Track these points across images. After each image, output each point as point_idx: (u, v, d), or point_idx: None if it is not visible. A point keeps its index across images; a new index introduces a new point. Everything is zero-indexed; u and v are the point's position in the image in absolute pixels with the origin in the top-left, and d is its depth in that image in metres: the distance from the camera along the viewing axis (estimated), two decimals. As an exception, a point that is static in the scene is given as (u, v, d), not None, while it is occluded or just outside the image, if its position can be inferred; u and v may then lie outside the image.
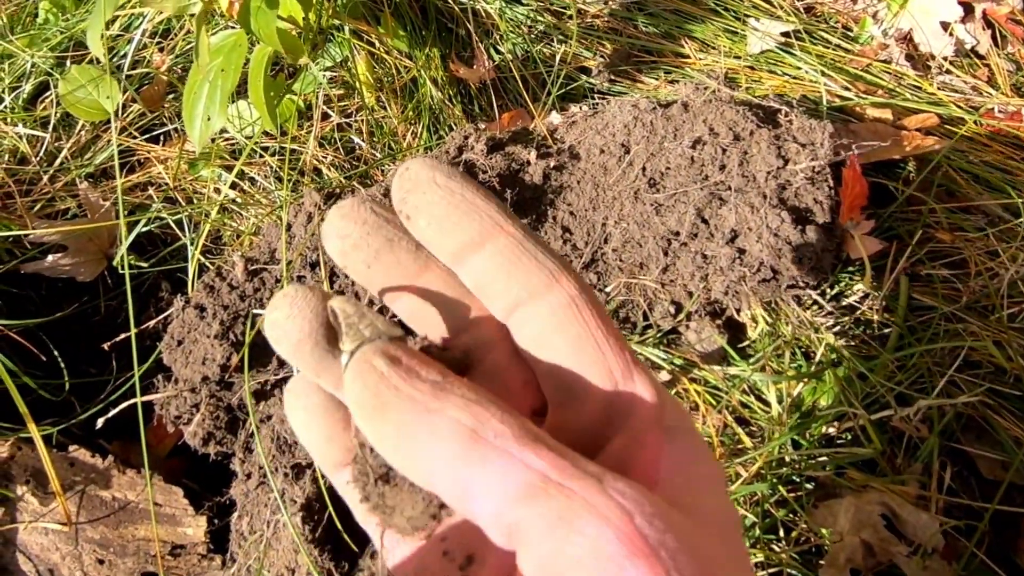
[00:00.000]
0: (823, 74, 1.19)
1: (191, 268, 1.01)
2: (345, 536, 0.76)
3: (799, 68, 1.22)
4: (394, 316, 0.62)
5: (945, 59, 1.28)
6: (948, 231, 1.01)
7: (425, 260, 0.32)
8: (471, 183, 0.30)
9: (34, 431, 0.85)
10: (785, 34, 1.27)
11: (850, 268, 0.99)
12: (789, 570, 0.80)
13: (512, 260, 0.29)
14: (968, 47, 1.31)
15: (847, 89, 1.18)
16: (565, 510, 0.23)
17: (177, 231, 1.09)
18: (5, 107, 1.23)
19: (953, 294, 0.96)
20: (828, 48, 1.27)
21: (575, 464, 0.24)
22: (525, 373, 0.31)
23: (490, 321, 0.32)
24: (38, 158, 1.17)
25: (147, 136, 1.22)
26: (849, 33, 1.33)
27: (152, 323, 1.00)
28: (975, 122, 1.13)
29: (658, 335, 0.95)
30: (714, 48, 1.28)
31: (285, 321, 0.30)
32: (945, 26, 1.30)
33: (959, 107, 1.17)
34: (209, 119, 0.99)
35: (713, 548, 0.25)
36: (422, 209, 0.29)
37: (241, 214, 1.11)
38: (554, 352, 0.29)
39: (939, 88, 1.21)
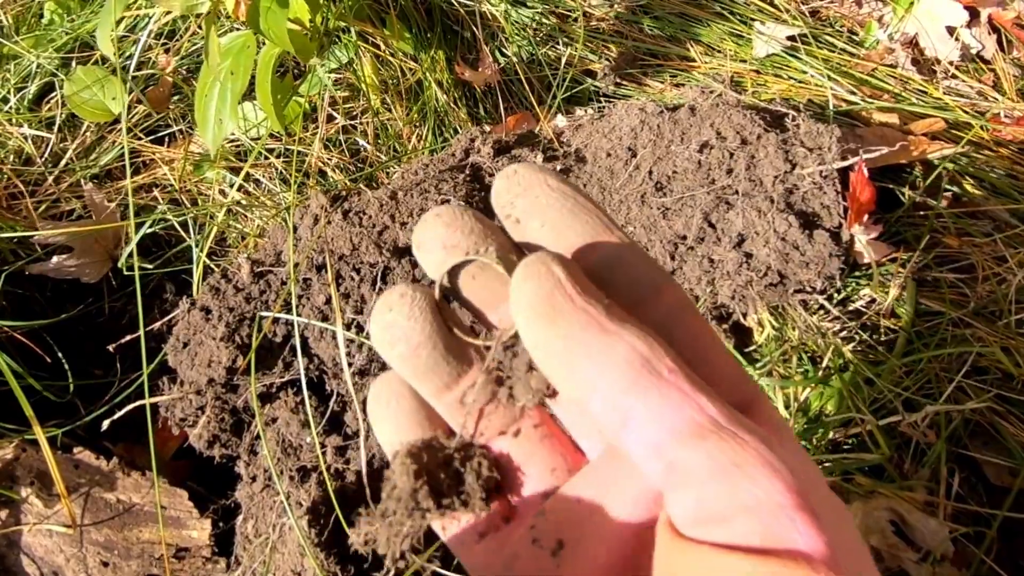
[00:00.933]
0: (829, 78, 1.19)
1: (196, 270, 1.01)
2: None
3: (805, 72, 1.22)
4: None
5: (951, 64, 1.28)
6: (955, 236, 1.01)
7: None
8: (578, 187, 0.30)
9: (39, 433, 0.85)
10: (791, 38, 1.27)
11: (857, 273, 0.98)
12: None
13: (624, 262, 0.29)
14: (974, 52, 1.31)
15: (853, 93, 1.18)
16: (737, 457, 0.23)
17: (182, 233, 1.09)
18: (10, 108, 1.23)
19: (961, 299, 0.95)
20: (834, 52, 1.27)
21: (736, 416, 0.24)
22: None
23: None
24: (43, 159, 1.17)
25: (152, 137, 1.21)
26: (855, 37, 1.33)
27: (157, 325, 1.00)
28: (982, 127, 1.13)
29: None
30: (720, 52, 1.28)
31: (405, 322, 0.29)
32: (951, 31, 1.30)
33: (965, 112, 1.16)
34: (221, 121, 0.99)
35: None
36: (535, 212, 0.29)
37: (247, 216, 1.11)
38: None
39: (945, 93, 1.21)
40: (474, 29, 1.27)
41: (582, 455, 0.33)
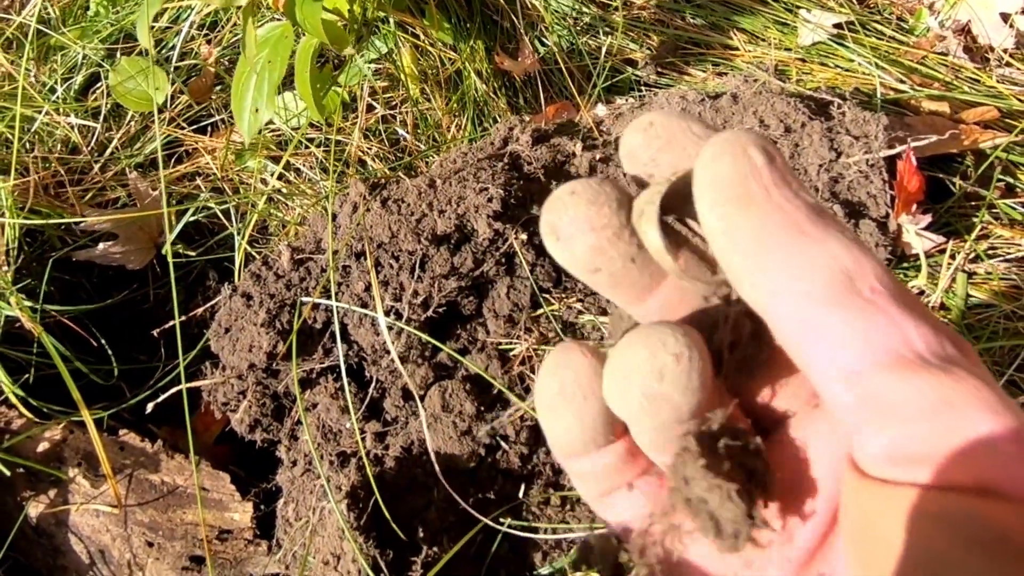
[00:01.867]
0: (877, 66, 1.16)
1: (238, 257, 1.02)
2: (392, 524, 0.76)
3: (852, 60, 1.20)
4: None
5: (1005, 51, 1.24)
6: (1008, 226, 0.98)
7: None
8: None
9: (86, 415, 0.87)
10: (838, 25, 1.24)
11: (905, 264, 0.96)
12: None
13: None
14: (1028, 39, 1.27)
15: (902, 82, 1.15)
16: (953, 395, 0.20)
17: (224, 221, 1.10)
18: (57, 98, 1.25)
19: (1013, 291, 0.93)
20: (882, 40, 1.24)
21: (950, 353, 0.21)
22: None
23: None
24: (89, 148, 1.19)
25: (195, 127, 1.23)
26: (904, 25, 1.30)
27: (200, 311, 1.01)
28: (1036, 116, 1.10)
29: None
30: (764, 40, 1.26)
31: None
32: (1005, 17, 1.26)
33: (1020, 100, 1.13)
34: (257, 110, 0.99)
35: None
36: (684, 166, 0.25)
37: (287, 204, 1.12)
38: None
39: (999, 81, 1.17)
40: (514, 19, 1.27)
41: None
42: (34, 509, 0.87)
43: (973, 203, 1.01)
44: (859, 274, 0.22)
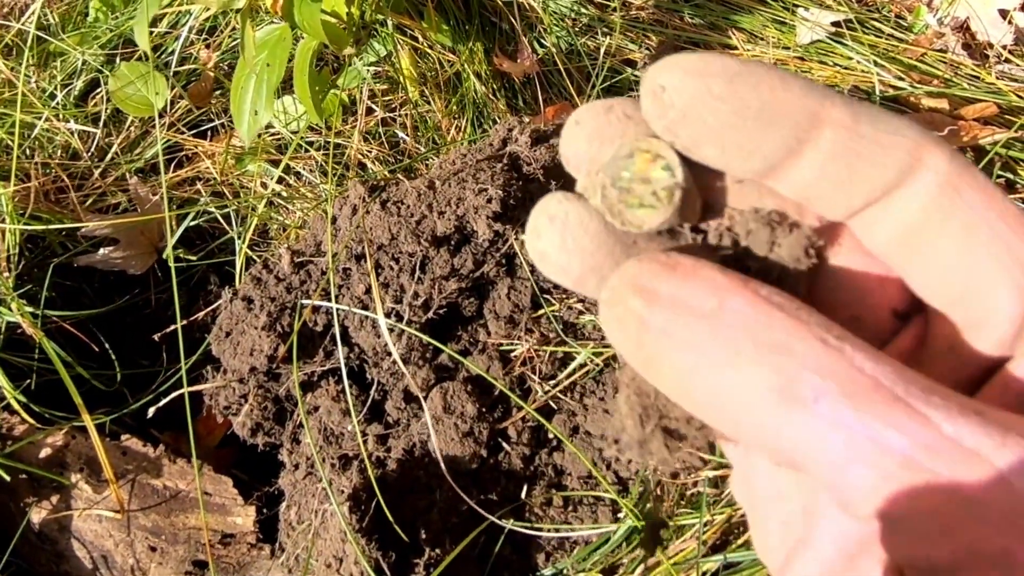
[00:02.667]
0: (876, 64, 1.16)
1: (239, 261, 1.02)
2: (395, 526, 0.76)
3: (851, 58, 1.20)
4: None
5: (1004, 48, 1.24)
6: (1009, 223, 0.98)
7: (719, 184, 0.24)
8: (761, 71, 0.21)
9: (88, 420, 0.87)
10: (836, 24, 1.24)
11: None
12: None
13: (848, 157, 0.21)
14: (1027, 35, 1.27)
15: (901, 79, 1.15)
16: (944, 510, 0.18)
17: (225, 225, 1.10)
18: (57, 103, 1.25)
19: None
20: (881, 38, 1.24)
21: (946, 435, 0.18)
22: (882, 266, 0.24)
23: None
24: (89, 153, 1.20)
25: (195, 131, 1.23)
26: (903, 22, 1.30)
27: (201, 315, 1.01)
28: (1036, 112, 1.10)
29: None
30: (762, 39, 1.26)
31: (559, 255, 0.23)
32: (1004, 14, 1.26)
33: (1019, 96, 1.13)
34: (256, 113, 0.99)
35: None
36: (707, 138, 0.21)
37: (287, 208, 1.12)
38: (930, 254, 0.22)
39: (998, 77, 1.17)
40: (512, 20, 1.27)
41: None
42: (37, 515, 0.87)
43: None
44: (793, 384, 0.19)
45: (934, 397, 0.18)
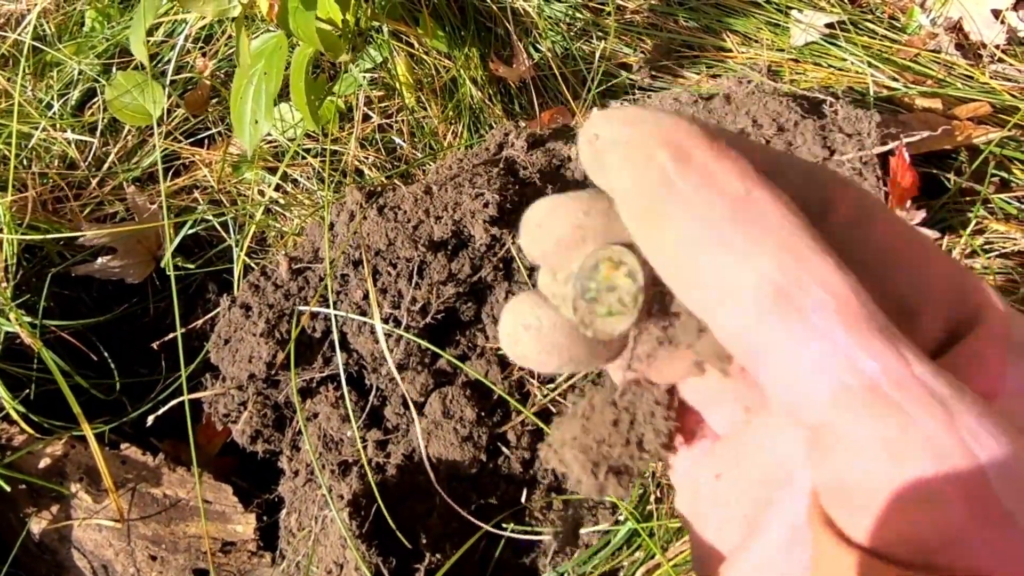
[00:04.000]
0: (870, 65, 1.17)
1: (237, 269, 1.03)
2: (396, 531, 0.76)
3: (845, 59, 1.20)
4: None
5: (997, 47, 1.24)
6: (1004, 221, 0.98)
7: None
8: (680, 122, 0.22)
9: (87, 430, 0.87)
10: (830, 25, 1.24)
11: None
12: None
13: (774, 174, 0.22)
14: (1021, 35, 1.27)
15: (895, 80, 1.16)
16: (896, 437, 0.18)
17: (223, 233, 1.10)
18: (54, 113, 1.26)
19: (1010, 286, 0.93)
20: (875, 39, 1.24)
21: (916, 375, 0.18)
22: None
23: None
24: (86, 163, 1.20)
25: (192, 140, 1.23)
26: (896, 23, 1.31)
27: (199, 323, 1.01)
28: (1030, 110, 1.10)
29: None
30: (757, 41, 1.26)
31: (538, 357, 0.25)
32: (996, 14, 1.27)
33: (1013, 95, 1.13)
34: (257, 122, 1.00)
35: None
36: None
37: (285, 215, 1.12)
38: (873, 252, 0.23)
39: (991, 77, 1.18)
40: (507, 25, 1.27)
41: None
42: (36, 525, 0.87)
43: (968, 198, 1.01)
44: (795, 288, 0.19)
45: (914, 346, 0.19)
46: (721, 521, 0.27)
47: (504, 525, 0.82)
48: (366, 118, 1.20)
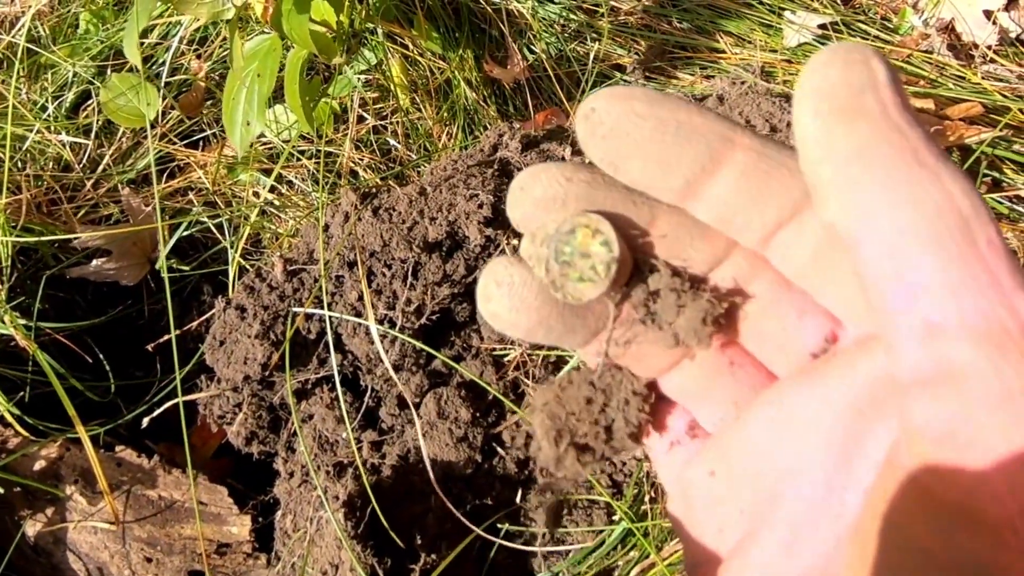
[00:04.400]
0: (862, 65, 1.17)
1: (231, 270, 1.03)
2: (391, 532, 0.77)
3: (837, 60, 1.20)
4: None
5: (989, 48, 1.25)
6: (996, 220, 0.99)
7: (648, 207, 0.26)
8: (679, 101, 0.24)
9: (82, 432, 0.87)
10: (823, 26, 1.25)
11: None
12: None
13: (757, 177, 0.23)
14: (1013, 35, 1.28)
15: (887, 80, 1.16)
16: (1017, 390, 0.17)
17: (217, 234, 1.10)
18: (49, 116, 1.25)
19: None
20: (867, 39, 1.25)
21: None
22: (801, 302, 0.26)
23: (741, 249, 0.26)
24: (81, 165, 1.20)
25: (186, 142, 1.23)
26: (889, 24, 1.31)
27: (194, 324, 1.01)
28: (1020, 110, 1.11)
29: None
30: (750, 42, 1.27)
31: (508, 315, 0.26)
32: (988, 14, 1.27)
33: (1004, 96, 1.14)
34: (249, 124, 1.00)
35: None
36: (631, 152, 0.24)
37: (280, 216, 1.12)
38: (840, 273, 0.24)
39: (983, 77, 1.18)
40: (502, 27, 1.28)
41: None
42: (31, 528, 0.87)
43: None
44: (977, 223, 0.18)
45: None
46: (718, 520, 0.27)
47: (499, 525, 0.82)
48: (361, 120, 1.20)
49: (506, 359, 0.91)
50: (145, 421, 0.86)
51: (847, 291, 0.24)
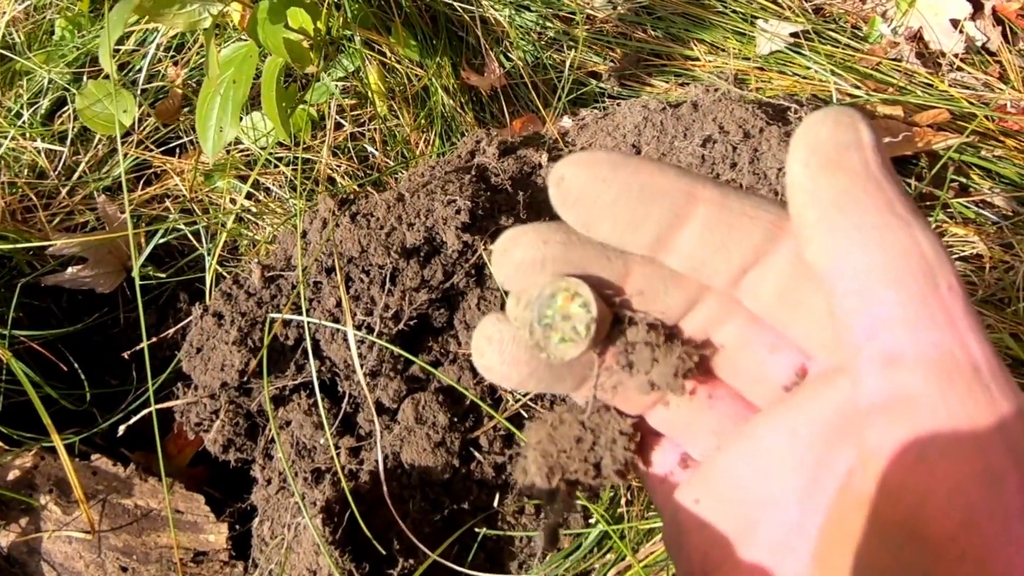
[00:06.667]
0: (833, 73, 1.19)
1: (208, 277, 1.02)
2: (370, 537, 0.77)
3: (809, 68, 1.23)
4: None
5: (956, 56, 1.28)
6: (962, 225, 1.01)
7: (622, 260, 0.28)
8: (641, 163, 0.25)
9: (57, 441, 0.86)
10: (794, 35, 1.27)
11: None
12: None
13: (720, 229, 0.25)
14: (979, 44, 1.30)
15: (857, 87, 1.18)
16: (990, 429, 0.19)
17: (194, 242, 1.10)
18: (23, 123, 1.25)
19: (969, 287, 0.95)
20: (838, 48, 1.27)
21: (1017, 390, 0.20)
22: (771, 338, 0.28)
23: (713, 291, 0.28)
24: (56, 172, 1.19)
25: (163, 148, 1.23)
26: (858, 32, 1.34)
27: (171, 332, 1.01)
28: (986, 117, 1.13)
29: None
30: (723, 50, 1.29)
31: (501, 368, 0.28)
32: (955, 23, 1.30)
33: (971, 103, 1.16)
34: (221, 130, 1.00)
35: None
36: (600, 215, 0.26)
37: (257, 223, 1.12)
38: (806, 308, 0.25)
39: (951, 85, 1.21)
40: (479, 34, 1.29)
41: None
42: (5, 538, 0.86)
43: (928, 203, 1.04)
44: (940, 269, 0.21)
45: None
46: (704, 544, 0.28)
47: (477, 529, 0.83)
48: (338, 126, 1.20)
49: (483, 364, 0.91)
50: (121, 429, 0.86)
51: (813, 326, 0.26)
